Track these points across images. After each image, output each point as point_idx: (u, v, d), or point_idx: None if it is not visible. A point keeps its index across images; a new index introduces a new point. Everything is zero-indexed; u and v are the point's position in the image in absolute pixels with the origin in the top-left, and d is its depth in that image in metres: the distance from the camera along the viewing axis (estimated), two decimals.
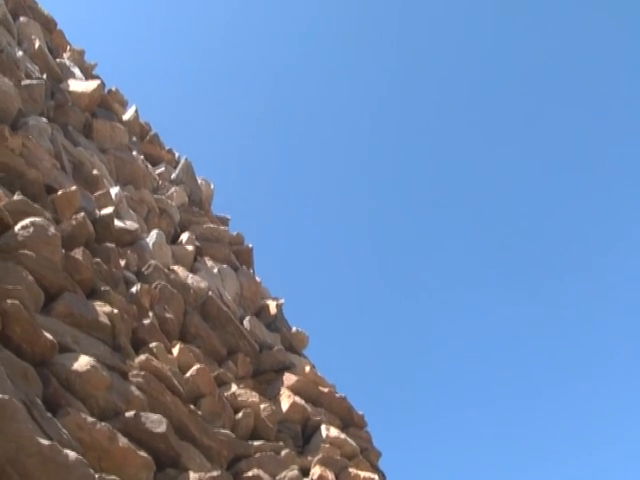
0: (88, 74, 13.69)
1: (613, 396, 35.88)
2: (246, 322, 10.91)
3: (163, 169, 13.45)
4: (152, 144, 14.22)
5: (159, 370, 7.02)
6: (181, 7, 40.25)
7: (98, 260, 7.78)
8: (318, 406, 10.24)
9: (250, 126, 38.64)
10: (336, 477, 8.84)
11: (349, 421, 10.67)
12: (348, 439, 9.88)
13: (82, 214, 8.07)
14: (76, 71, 13.00)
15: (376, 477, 9.33)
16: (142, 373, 6.72)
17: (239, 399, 8.53)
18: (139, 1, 37.34)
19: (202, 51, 39.39)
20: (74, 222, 7.86)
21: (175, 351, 8.04)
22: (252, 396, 8.71)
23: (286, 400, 9.63)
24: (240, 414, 8.29)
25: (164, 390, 6.86)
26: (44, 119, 9.52)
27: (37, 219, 6.90)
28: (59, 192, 8.16)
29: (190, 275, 10.22)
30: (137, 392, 6.45)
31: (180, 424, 6.78)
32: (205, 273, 10.96)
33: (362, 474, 9.24)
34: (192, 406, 7.30)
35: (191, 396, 7.61)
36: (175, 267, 10.11)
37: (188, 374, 7.84)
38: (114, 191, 10.00)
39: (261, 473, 7.55)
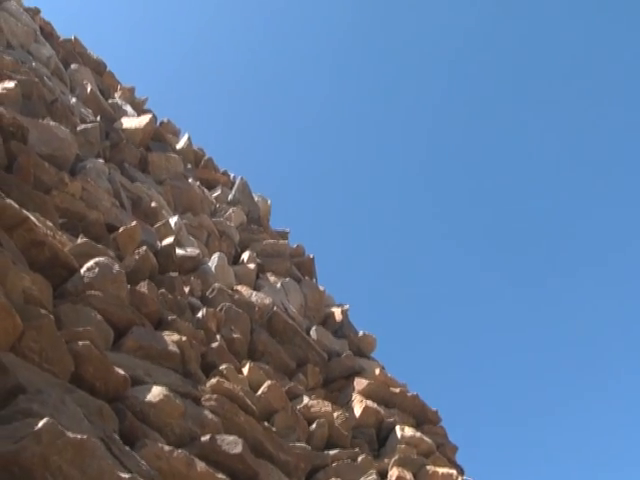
0: (139, 109, 13.90)
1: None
2: (313, 332, 10.91)
3: (219, 192, 13.57)
4: (207, 169, 14.37)
5: (231, 391, 7.03)
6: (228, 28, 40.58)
7: (163, 290, 7.87)
8: (391, 407, 10.17)
9: (298, 134, 38.74)
10: (414, 476, 8.76)
11: (423, 418, 10.57)
12: (423, 437, 9.79)
13: (144, 248, 8.16)
14: (128, 108, 13.20)
15: (454, 472, 9.22)
16: (214, 396, 6.74)
17: (312, 410, 8.53)
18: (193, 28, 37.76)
19: (248, 67, 39.64)
20: (137, 257, 7.96)
21: (245, 370, 8.07)
22: (324, 406, 8.70)
23: (358, 405, 9.60)
24: (314, 425, 8.28)
25: (237, 410, 6.87)
26: (101, 160, 9.69)
27: (101, 259, 6.99)
28: (120, 229, 8.27)
29: (254, 293, 10.27)
30: (211, 416, 6.47)
31: (256, 442, 6.79)
32: (268, 289, 11.00)
33: (440, 470, 9.14)
34: (266, 423, 7.30)
35: (264, 413, 7.63)
36: (239, 287, 10.17)
37: (260, 392, 7.86)
38: (173, 220, 10.10)
39: None
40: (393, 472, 8.56)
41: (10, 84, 8.87)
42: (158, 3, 40.27)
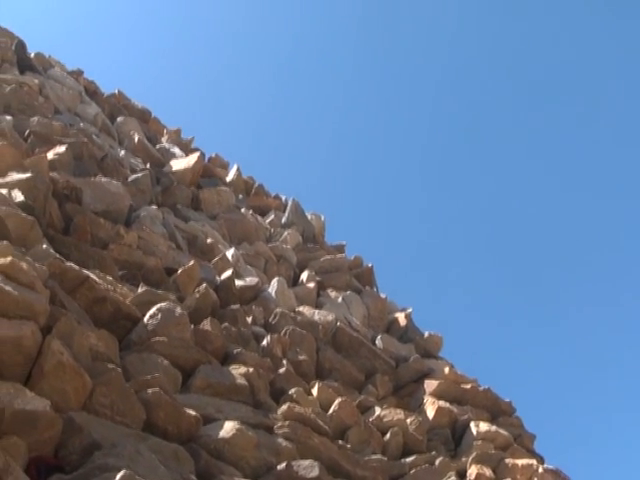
0: (187, 149, 14.00)
1: None
2: (378, 341, 10.80)
3: (273, 216, 13.56)
4: (258, 196, 14.40)
5: (302, 415, 6.97)
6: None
7: (226, 324, 7.86)
8: (463, 404, 9.96)
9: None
10: (493, 472, 8.55)
11: (497, 411, 10.32)
12: (499, 430, 9.55)
13: (204, 285, 8.18)
14: (176, 150, 13.32)
15: (534, 462, 8.96)
16: (287, 423, 6.68)
17: (384, 420, 8.40)
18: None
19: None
20: (197, 295, 7.98)
21: (314, 391, 8.00)
22: (397, 414, 8.57)
23: (431, 407, 9.44)
24: (388, 435, 8.15)
25: (311, 433, 6.80)
26: (154, 206, 9.78)
27: (163, 304, 7.01)
28: (179, 271, 8.32)
29: (316, 312, 10.21)
30: (285, 443, 6.41)
31: (332, 462, 6.70)
32: (330, 305, 10.94)
33: (520, 462, 8.88)
34: (340, 441, 7.23)
35: (338, 431, 7.54)
36: (300, 308, 10.13)
37: (331, 410, 7.77)
38: (230, 253, 10.13)
39: None
40: (472, 470, 8.38)
41: (61, 149, 9.03)
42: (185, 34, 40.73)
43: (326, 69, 41.11)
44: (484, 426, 9.47)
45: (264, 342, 8.22)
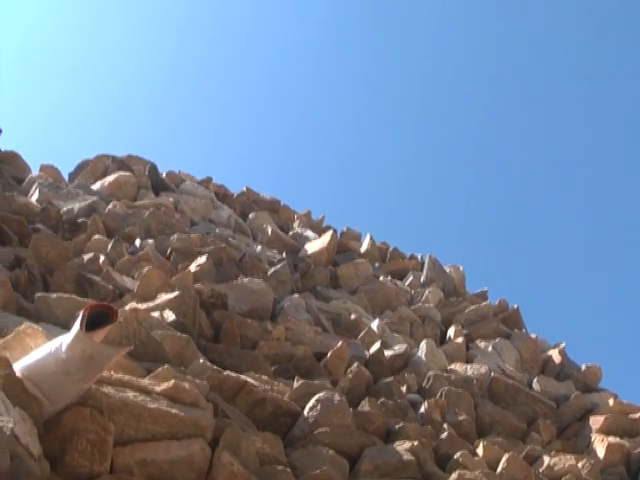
0: (319, 229, 14.18)
1: None
2: (535, 384, 10.42)
3: (411, 278, 13.45)
4: (394, 260, 14.37)
5: None
6: None
7: (382, 399, 7.80)
8: (634, 436, 9.33)
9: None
10: None
11: None
12: None
13: (355, 365, 8.16)
14: (309, 233, 13.51)
15: None
16: None
17: (555, 469, 7.98)
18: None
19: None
20: (350, 376, 7.98)
21: (479, 451, 7.74)
22: (567, 460, 8.13)
23: (600, 445, 8.90)
24: None
25: None
26: (296, 295, 9.93)
27: (321, 394, 6.95)
28: (328, 354, 8.36)
29: (468, 367, 9.98)
30: None
31: None
32: (481, 357, 10.68)
33: None
34: None
35: None
36: (452, 366, 9.93)
37: (499, 468, 7.48)
38: (375, 325, 10.12)
39: None
40: None
41: (202, 259, 9.38)
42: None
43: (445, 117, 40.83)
44: None
45: (422, 409, 8.08)
